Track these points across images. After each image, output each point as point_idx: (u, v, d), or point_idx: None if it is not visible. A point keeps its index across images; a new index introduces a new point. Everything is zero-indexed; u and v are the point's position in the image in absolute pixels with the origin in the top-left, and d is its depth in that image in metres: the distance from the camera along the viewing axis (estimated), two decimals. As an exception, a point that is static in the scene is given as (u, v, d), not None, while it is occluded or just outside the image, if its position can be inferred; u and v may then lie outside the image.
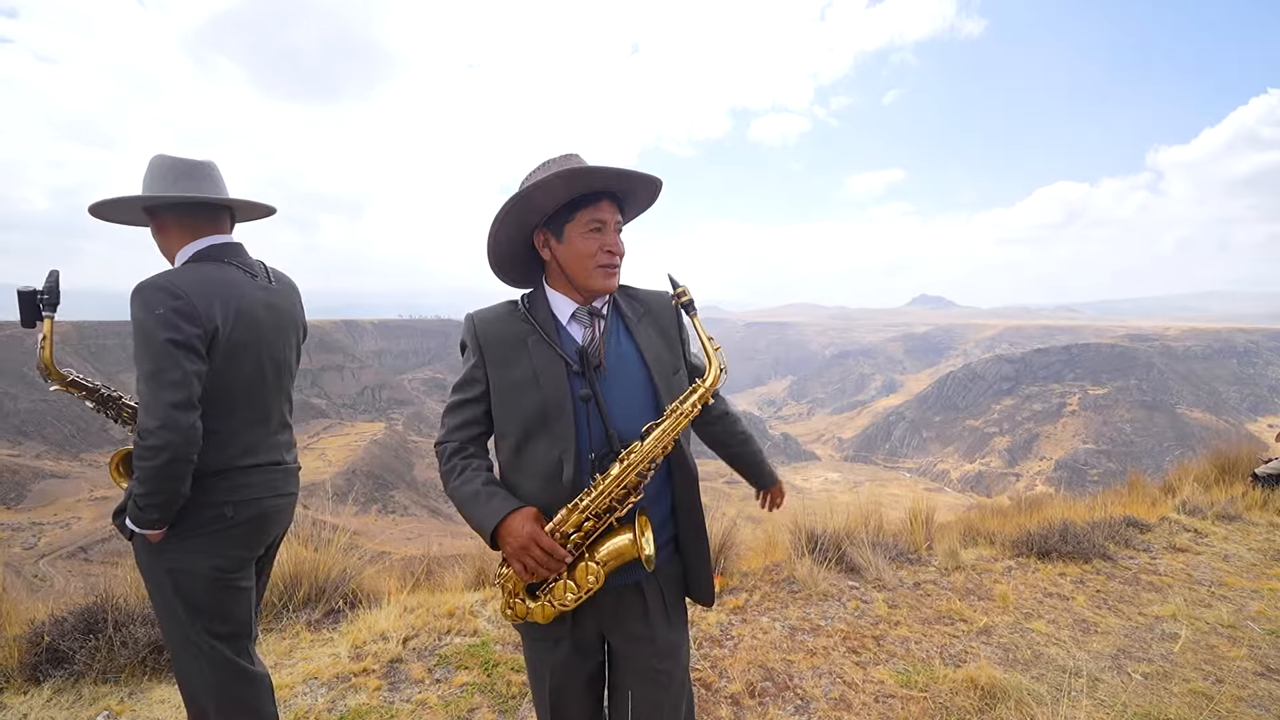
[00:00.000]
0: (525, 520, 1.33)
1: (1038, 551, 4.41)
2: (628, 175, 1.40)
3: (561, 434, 1.38)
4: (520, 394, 1.42)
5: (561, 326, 1.46)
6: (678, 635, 1.51)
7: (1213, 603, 3.77)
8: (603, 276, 1.43)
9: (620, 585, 1.43)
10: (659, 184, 1.45)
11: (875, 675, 2.87)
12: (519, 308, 1.50)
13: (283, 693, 2.57)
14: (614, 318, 1.51)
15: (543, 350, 1.43)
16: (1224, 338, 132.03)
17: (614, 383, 1.43)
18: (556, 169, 1.35)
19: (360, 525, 45.28)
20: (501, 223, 1.42)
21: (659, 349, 1.49)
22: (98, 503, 53.70)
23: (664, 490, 1.48)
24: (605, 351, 1.45)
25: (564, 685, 1.50)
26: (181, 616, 1.74)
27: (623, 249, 1.45)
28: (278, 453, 1.87)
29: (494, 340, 1.46)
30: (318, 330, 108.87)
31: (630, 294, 1.57)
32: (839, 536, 4.20)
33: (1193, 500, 5.69)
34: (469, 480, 1.42)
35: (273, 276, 1.90)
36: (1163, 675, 2.93)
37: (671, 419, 1.35)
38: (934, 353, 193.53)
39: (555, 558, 1.31)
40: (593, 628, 1.48)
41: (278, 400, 1.87)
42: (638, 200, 1.51)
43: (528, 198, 1.38)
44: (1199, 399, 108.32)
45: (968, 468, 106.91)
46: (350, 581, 3.45)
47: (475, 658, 2.88)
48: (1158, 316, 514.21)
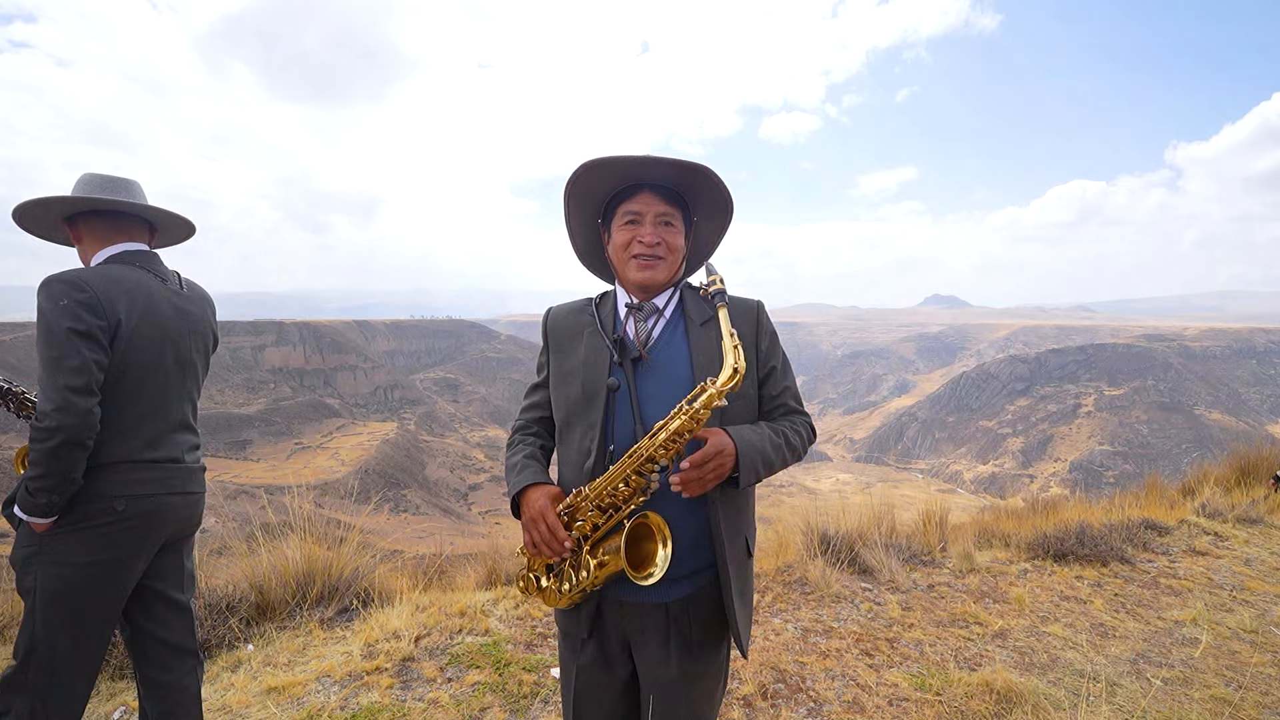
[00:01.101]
0: (541, 495, 1.38)
1: (1054, 554, 4.36)
2: (645, 162, 1.37)
3: (591, 422, 1.40)
4: (568, 381, 1.47)
5: (619, 320, 1.49)
6: (701, 669, 1.41)
7: (1234, 607, 3.71)
8: (636, 268, 1.42)
9: (644, 602, 1.38)
10: (705, 170, 1.39)
11: (889, 678, 2.84)
12: (592, 302, 1.56)
13: (295, 690, 2.58)
14: (676, 315, 1.48)
15: (594, 340, 1.46)
16: (1244, 338, 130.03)
17: (656, 378, 1.40)
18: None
19: (372, 524, 45.38)
20: (568, 220, 1.52)
21: (716, 354, 1.39)
22: (115, 500, 54.45)
23: (697, 509, 1.37)
24: (652, 346, 1.43)
25: (588, 691, 1.48)
26: (38, 617, 1.70)
27: (663, 241, 1.42)
28: (177, 450, 1.88)
29: (559, 331, 1.54)
30: (330, 330, 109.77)
31: (702, 295, 1.49)
32: (851, 538, 4.18)
33: (1213, 503, 5.60)
34: (516, 452, 1.52)
35: (185, 285, 1.96)
36: (1183, 681, 2.88)
37: (679, 418, 1.23)
38: (947, 353, 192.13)
39: (556, 538, 1.32)
40: (618, 638, 1.45)
41: (179, 400, 1.89)
42: (702, 197, 1.46)
43: (569, 195, 1.46)
44: (1218, 400, 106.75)
45: (981, 469, 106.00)
46: (363, 580, 3.47)
47: (487, 657, 2.89)
48: (1175, 316, 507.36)
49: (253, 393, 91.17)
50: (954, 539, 4.60)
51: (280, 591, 3.26)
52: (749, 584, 1.48)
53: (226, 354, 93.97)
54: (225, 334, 57.09)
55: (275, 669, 2.76)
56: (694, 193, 1.45)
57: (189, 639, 2.01)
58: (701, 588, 1.40)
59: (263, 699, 2.53)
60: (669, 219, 1.43)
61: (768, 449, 1.35)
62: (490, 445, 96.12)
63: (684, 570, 1.36)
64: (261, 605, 3.21)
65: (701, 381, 1.31)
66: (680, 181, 1.43)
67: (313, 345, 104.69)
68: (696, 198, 1.47)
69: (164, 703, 1.94)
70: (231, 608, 3.09)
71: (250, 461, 76.98)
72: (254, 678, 2.68)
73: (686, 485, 1.24)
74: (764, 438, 1.35)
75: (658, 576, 1.27)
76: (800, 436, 1.46)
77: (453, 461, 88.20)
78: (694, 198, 1.47)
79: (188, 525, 1.96)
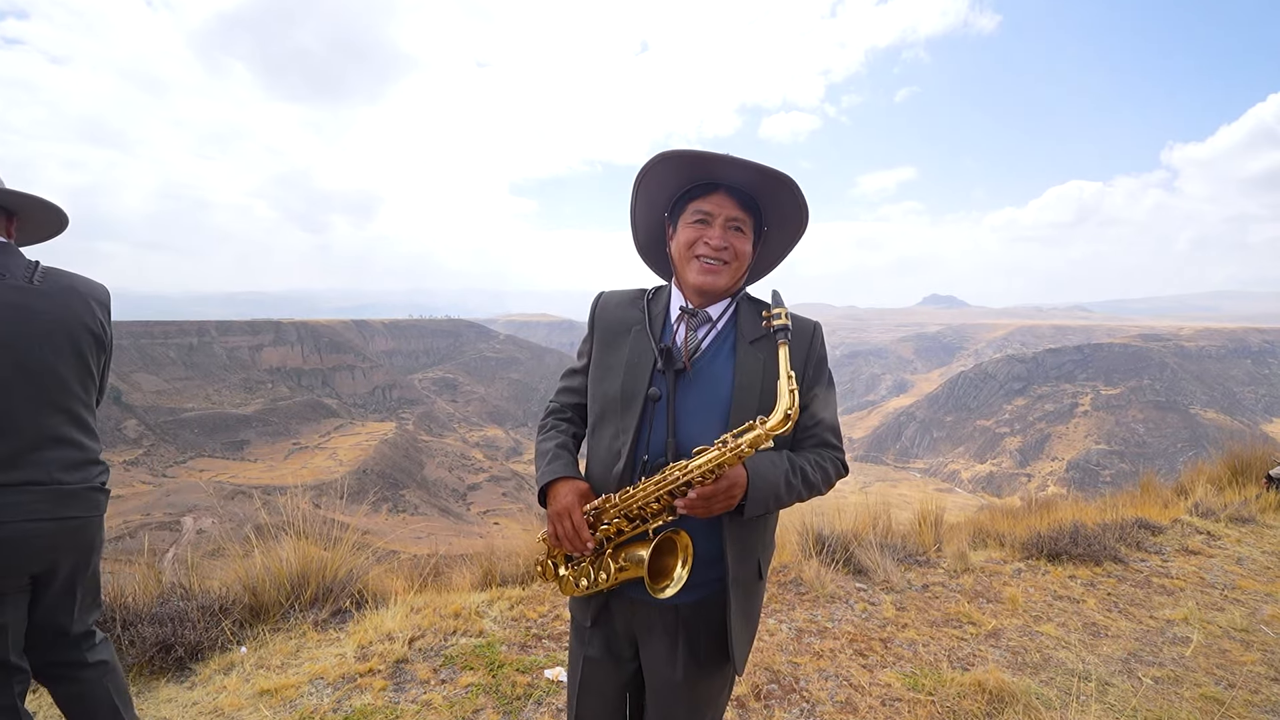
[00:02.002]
0: (571, 491, 1.37)
1: (1048, 554, 4.37)
2: (726, 161, 1.31)
3: (625, 427, 1.37)
4: (609, 378, 1.43)
5: (669, 323, 1.44)
6: (705, 677, 1.41)
7: (1225, 606, 3.72)
8: (697, 271, 1.36)
9: (655, 603, 1.36)
10: (787, 180, 1.31)
11: (882, 678, 2.85)
12: (644, 296, 1.50)
13: (288, 693, 2.58)
14: (729, 328, 1.42)
15: (641, 341, 1.42)
16: (1239, 338, 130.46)
17: (697, 392, 1.36)
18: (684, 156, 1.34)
19: (370, 524, 45.33)
20: (634, 209, 1.47)
21: (758, 377, 1.34)
22: (111, 501, 54.31)
23: (711, 530, 1.35)
24: (698, 359, 1.38)
25: (591, 683, 1.48)
26: None
27: (730, 246, 1.36)
28: (42, 471, 1.67)
29: (608, 321, 1.50)
30: (328, 330, 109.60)
31: (761, 309, 1.43)
32: (847, 538, 4.18)
33: (1206, 502, 5.63)
34: (549, 438, 1.50)
35: (40, 278, 1.74)
36: (1174, 680, 2.90)
37: (719, 451, 1.19)
38: (945, 353, 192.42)
39: (580, 537, 1.32)
40: (625, 634, 1.46)
41: (38, 411, 1.68)
42: (778, 208, 1.39)
43: (640, 183, 1.40)
44: (1213, 399, 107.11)
45: (979, 468, 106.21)
46: (358, 581, 3.47)
47: (481, 658, 2.89)
48: (1171, 316, 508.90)
49: (250, 393, 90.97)
50: (949, 539, 4.62)
51: (274, 593, 3.26)
52: (755, 604, 1.45)
53: (224, 354, 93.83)
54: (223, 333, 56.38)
55: (268, 671, 2.75)
56: (770, 201, 1.38)
57: (81, 658, 1.88)
58: (710, 595, 1.39)
59: (255, 701, 2.53)
60: (740, 224, 1.37)
61: (781, 486, 1.29)
62: (489, 445, 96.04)
63: (697, 579, 1.35)
64: (255, 607, 3.21)
65: (743, 404, 1.31)
66: (758, 187, 1.36)
67: (311, 345, 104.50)
68: (771, 207, 1.40)
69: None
70: (225, 610, 3.08)
71: (248, 462, 76.84)
72: (246, 680, 2.67)
73: (691, 509, 1.23)
74: (781, 473, 1.29)
75: (671, 592, 1.29)
76: (824, 473, 1.38)
77: (451, 461, 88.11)
78: (769, 206, 1.40)
79: (67, 554, 1.76)
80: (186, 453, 74.76)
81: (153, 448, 72.20)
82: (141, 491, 57.92)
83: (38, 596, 1.77)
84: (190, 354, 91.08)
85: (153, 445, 72.60)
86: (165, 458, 71.85)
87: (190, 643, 2.79)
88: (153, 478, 64.87)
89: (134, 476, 63.67)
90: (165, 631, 2.78)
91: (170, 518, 49.57)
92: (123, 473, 63.38)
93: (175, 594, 3.11)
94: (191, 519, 48.77)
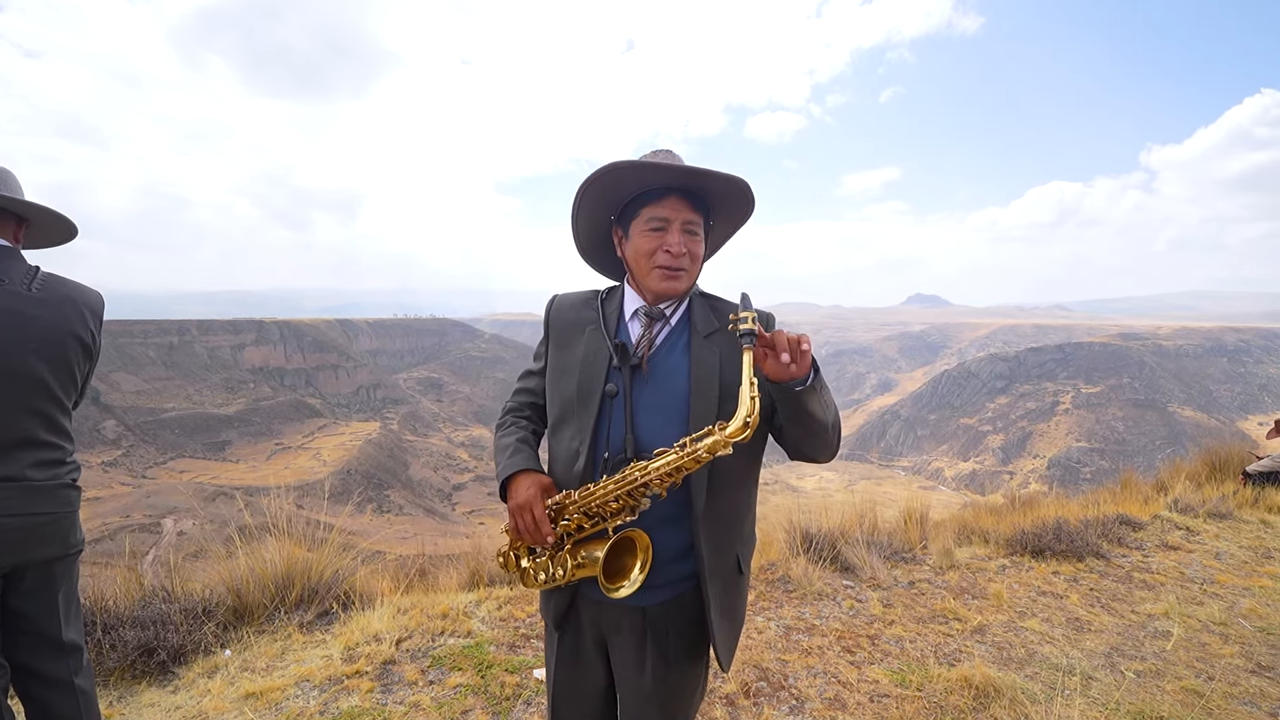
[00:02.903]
0: (533, 484, 1.36)
1: (1032, 550, 4.43)
2: (688, 171, 1.30)
3: (583, 425, 1.36)
4: (565, 378, 1.43)
5: (624, 322, 1.44)
6: (676, 677, 1.39)
7: (1205, 600, 3.79)
8: (660, 278, 1.36)
9: (622, 604, 1.34)
10: (739, 183, 1.32)
11: (870, 675, 2.87)
12: (598, 297, 1.50)
13: (274, 695, 2.55)
14: (683, 325, 1.42)
15: (596, 339, 1.41)
16: (1215, 336, 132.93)
17: (654, 388, 1.35)
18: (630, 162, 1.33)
19: (355, 525, 45.05)
20: (576, 215, 1.43)
21: (714, 371, 1.34)
22: (90, 503, 53.37)
23: (680, 523, 1.34)
24: (654, 355, 1.38)
25: (565, 683, 1.47)
26: None
27: (688, 251, 1.35)
28: (15, 467, 1.71)
29: (562, 322, 1.49)
30: (312, 329, 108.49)
31: (715, 306, 1.44)
32: (834, 536, 4.21)
33: (1185, 498, 5.72)
34: (508, 433, 1.50)
35: (38, 285, 1.78)
36: (1155, 673, 2.94)
37: (678, 454, 1.19)
38: (929, 351, 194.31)
39: (541, 530, 1.31)
40: (594, 636, 1.44)
41: (10, 414, 1.72)
42: (725, 203, 1.39)
43: (585, 190, 1.37)
44: (1190, 397, 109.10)
45: (962, 466, 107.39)
46: (343, 582, 3.43)
47: (469, 659, 2.87)
48: (1150, 315, 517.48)
49: (232, 393, 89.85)
50: (934, 536, 4.66)
51: (258, 595, 3.22)
52: (738, 600, 1.42)
53: (205, 353, 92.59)
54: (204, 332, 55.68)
55: (253, 674, 2.72)
56: (719, 199, 1.39)
57: (67, 676, 1.85)
58: (682, 595, 1.37)
59: (240, 705, 2.49)
60: (694, 227, 1.36)
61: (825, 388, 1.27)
62: (474, 445, 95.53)
63: (663, 579, 1.34)
64: (239, 609, 3.16)
65: (700, 399, 1.30)
66: (707, 186, 1.36)
67: (294, 344, 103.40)
68: (718, 204, 1.40)
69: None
70: (208, 612, 3.04)
71: (229, 463, 75.91)
72: (231, 683, 2.64)
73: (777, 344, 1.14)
74: None
75: (626, 593, 1.28)
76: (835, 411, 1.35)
77: (436, 461, 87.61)
78: (718, 203, 1.40)
79: (38, 549, 1.78)
80: (167, 453, 73.71)
81: (132, 448, 71.10)
82: (121, 493, 57.03)
83: (13, 590, 1.78)
84: (171, 353, 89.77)
85: (132, 446, 71.50)
86: (145, 459, 70.79)
87: (173, 646, 2.75)
88: (132, 479, 63.87)
89: (113, 478, 62.65)
90: (147, 635, 2.73)
91: (150, 519, 48.87)
92: (101, 474, 62.35)
93: (157, 597, 3.06)
94: (172, 520, 48.10)
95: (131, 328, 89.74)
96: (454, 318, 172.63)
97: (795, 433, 1.29)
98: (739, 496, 1.39)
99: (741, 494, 1.40)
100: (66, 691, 1.85)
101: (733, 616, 1.40)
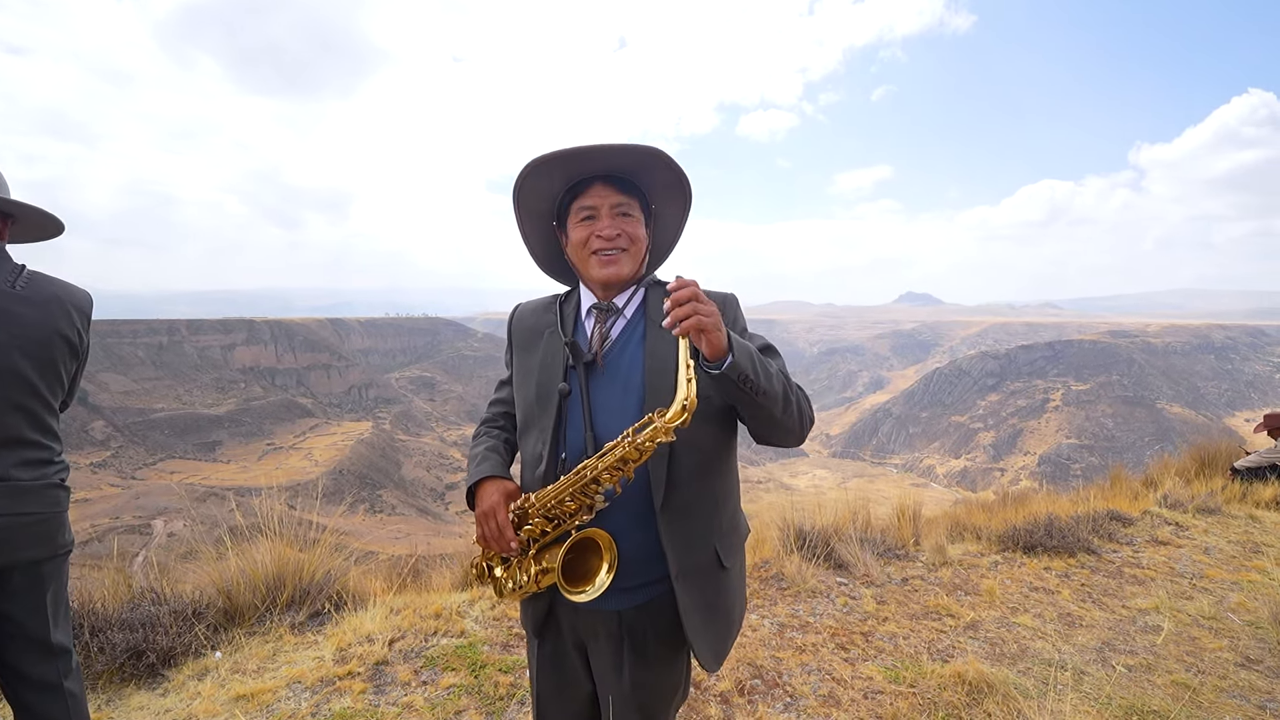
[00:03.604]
0: (496, 490, 1.35)
1: (1023, 546, 4.45)
2: (588, 152, 1.29)
3: (544, 427, 1.36)
4: (526, 382, 1.43)
5: (581, 321, 1.43)
6: (654, 678, 1.36)
7: (1194, 595, 3.82)
8: (597, 265, 1.34)
9: (598, 609, 1.32)
10: (654, 153, 1.30)
11: (863, 671, 2.87)
12: (557, 300, 1.50)
13: (265, 697, 2.53)
14: (638, 316, 1.40)
15: (553, 342, 1.41)
16: (1202, 334, 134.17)
17: (610, 384, 1.33)
18: None
19: (348, 525, 45.00)
20: (521, 227, 1.44)
21: (672, 360, 1.26)
22: (78, 504, 52.94)
23: (645, 525, 1.30)
24: (609, 350, 1.36)
25: (549, 690, 1.46)
26: None
27: (623, 232, 1.33)
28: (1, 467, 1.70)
29: (523, 329, 1.50)
30: (303, 329, 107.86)
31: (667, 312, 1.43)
32: (827, 533, 4.21)
33: (1174, 494, 5.77)
34: (480, 443, 1.51)
35: (23, 284, 1.76)
36: (1146, 668, 2.96)
37: (621, 446, 1.17)
38: (920, 350, 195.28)
39: (504, 537, 1.30)
40: (573, 641, 1.42)
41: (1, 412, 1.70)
42: (657, 183, 1.38)
43: (517, 202, 1.39)
44: (1178, 394, 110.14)
45: (954, 463, 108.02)
46: (335, 583, 3.41)
47: (462, 659, 2.86)
48: (1138, 313, 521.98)
49: (222, 393, 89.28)
50: (927, 533, 4.68)
51: (249, 596, 3.19)
52: (724, 596, 1.37)
53: (195, 353, 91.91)
54: (194, 332, 55.27)
55: (244, 676, 2.70)
56: (648, 178, 1.37)
57: (56, 679, 1.82)
58: (658, 597, 1.33)
59: (230, 707, 2.47)
60: (626, 209, 1.35)
61: (754, 352, 1.17)
62: (467, 444, 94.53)
63: (635, 581, 1.31)
64: (230, 611, 3.14)
65: (656, 391, 1.27)
66: (632, 169, 1.34)
67: (285, 344, 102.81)
68: (652, 183, 1.38)
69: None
70: (198, 614, 3.01)
71: (220, 463, 75.45)
72: (222, 686, 2.61)
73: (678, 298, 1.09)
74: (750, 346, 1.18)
75: (590, 597, 1.25)
76: (798, 393, 1.27)
77: (429, 461, 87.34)
78: (649, 184, 1.38)
79: (26, 550, 1.75)
80: (156, 454, 73.16)
81: (121, 449, 70.53)
82: (110, 494, 56.59)
83: (1, 592, 1.74)
84: (160, 353, 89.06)
85: (121, 447, 70.93)
86: (134, 459, 70.24)
87: (162, 648, 2.72)
88: (121, 480, 63.38)
89: (102, 479, 62.15)
90: (136, 637, 2.70)
91: (140, 520, 48.51)
92: (90, 475, 61.82)
93: (146, 599, 3.03)
94: (162, 522, 47.75)
95: (120, 327, 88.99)
96: (446, 317, 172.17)
97: (747, 412, 1.23)
98: (708, 487, 1.35)
99: (711, 484, 1.35)
100: (55, 695, 1.83)
101: (718, 613, 1.36)
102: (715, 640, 1.35)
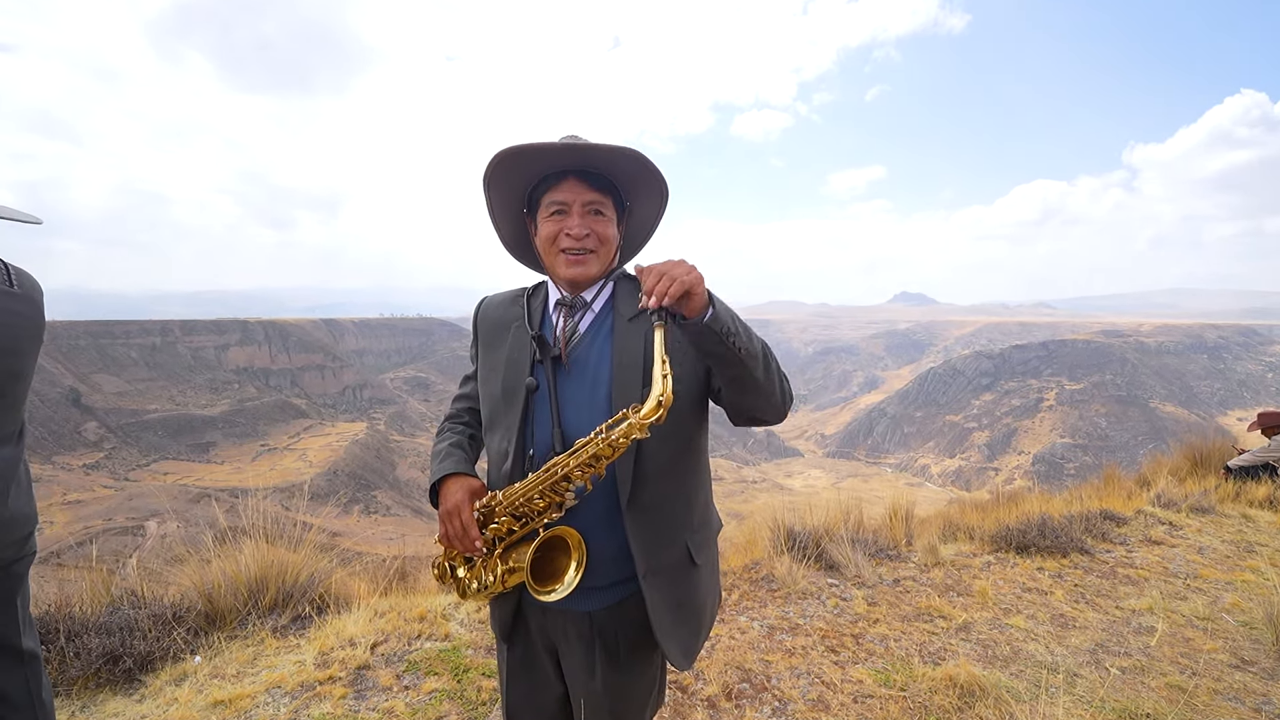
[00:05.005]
0: (461, 488, 1.32)
1: (1016, 546, 4.42)
2: (564, 150, 1.25)
3: (510, 423, 1.33)
4: (492, 378, 1.40)
5: (548, 315, 1.40)
6: (627, 679, 1.34)
7: (1188, 595, 3.80)
8: (565, 264, 1.31)
9: (567, 610, 1.30)
10: (630, 154, 1.26)
11: (854, 675, 2.83)
12: (524, 294, 1.47)
13: (243, 703, 2.48)
14: (607, 310, 1.36)
15: (520, 337, 1.37)
16: (1195, 333, 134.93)
17: (578, 379, 1.30)
18: None
19: (341, 526, 44.83)
20: (490, 212, 1.41)
21: (638, 355, 1.27)
22: (71, 506, 52.62)
23: (613, 522, 1.28)
24: (575, 345, 1.33)
25: (520, 696, 1.43)
26: None
27: (592, 232, 1.30)
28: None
29: (489, 323, 1.47)
30: (296, 329, 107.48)
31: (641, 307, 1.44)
32: (818, 534, 4.18)
33: (1167, 493, 5.75)
34: (443, 439, 1.48)
35: (16, 280, 1.71)
36: (1140, 669, 2.93)
37: (594, 442, 1.15)
38: (915, 349, 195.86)
39: (469, 535, 1.26)
40: (543, 644, 1.39)
41: (13, 412, 1.67)
42: (632, 181, 1.34)
43: (488, 185, 1.35)
44: (1171, 393, 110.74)
45: (948, 463, 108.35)
46: (319, 585, 3.35)
47: (445, 663, 2.81)
48: (1132, 313, 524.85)
49: (216, 393, 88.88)
50: (920, 533, 4.65)
51: (230, 599, 3.13)
52: (696, 592, 1.35)
53: (188, 354, 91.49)
54: (187, 333, 55.32)
55: (223, 681, 2.64)
56: (624, 177, 1.33)
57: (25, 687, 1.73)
58: (629, 597, 1.31)
59: (208, 713, 2.42)
60: (599, 207, 1.31)
61: (736, 315, 1.15)
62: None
63: (605, 580, 1.29)
64: (210, 614, 3.08)
65: (624, 385, 1.25)
66: (608, 166, 1.31)
67: (279, 344, 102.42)
68: (628, 182, 1.35)
69: None
70: (178, 618, 2.95)
71: (214, 464, 75.08)
72: (199, 691, 2.56)
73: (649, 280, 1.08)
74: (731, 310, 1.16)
75: (559, 596, 1.22)
76: (776, 363, 1.24)
77: (424, 462, 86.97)
78: (625, 182, 1.35)
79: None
80: (150, 455, 72.75)
81: (114, 451, 70.10)
82: (103, 496, 56.23)
83: None
84: (153, 354, 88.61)
85: (114, 448, 70.49)
86: (127, 461, 69.83)
87: (140, 653, 2.66)
88: (114, 481, 62.98)
89: (94, 480, 61.76)
90: (113, 642, 2.64)
91: (133, 522, 48.18)
92: (83, 476, 61.46)
93: (125, 602, 2.97)
94: (156, 523, 47.46)
95: (113, 328, 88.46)
96: (440, 317, 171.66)
97: (727, 375, 1.18)
98: (678, 482, 1.33)
99: (681, 479, 1.33)
100: (24, 705, 1.76)
101: (689, 611, 1.34)
102: (687, 637, 1.33)
